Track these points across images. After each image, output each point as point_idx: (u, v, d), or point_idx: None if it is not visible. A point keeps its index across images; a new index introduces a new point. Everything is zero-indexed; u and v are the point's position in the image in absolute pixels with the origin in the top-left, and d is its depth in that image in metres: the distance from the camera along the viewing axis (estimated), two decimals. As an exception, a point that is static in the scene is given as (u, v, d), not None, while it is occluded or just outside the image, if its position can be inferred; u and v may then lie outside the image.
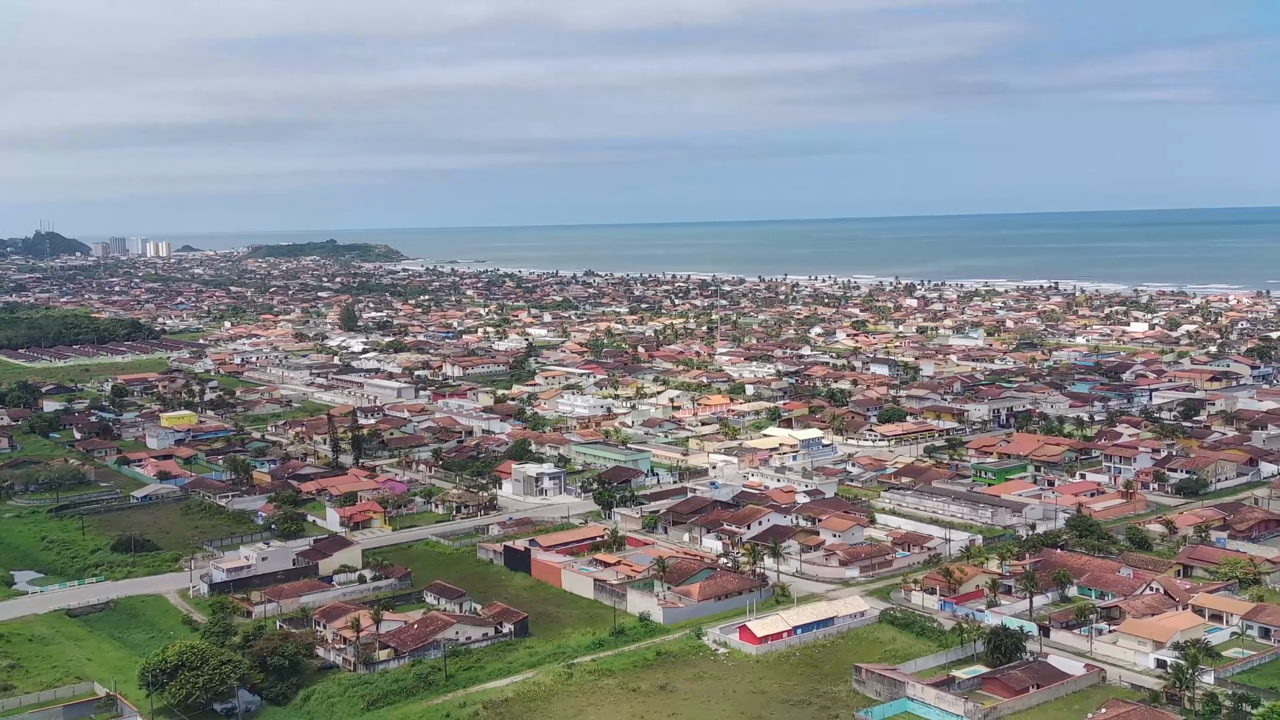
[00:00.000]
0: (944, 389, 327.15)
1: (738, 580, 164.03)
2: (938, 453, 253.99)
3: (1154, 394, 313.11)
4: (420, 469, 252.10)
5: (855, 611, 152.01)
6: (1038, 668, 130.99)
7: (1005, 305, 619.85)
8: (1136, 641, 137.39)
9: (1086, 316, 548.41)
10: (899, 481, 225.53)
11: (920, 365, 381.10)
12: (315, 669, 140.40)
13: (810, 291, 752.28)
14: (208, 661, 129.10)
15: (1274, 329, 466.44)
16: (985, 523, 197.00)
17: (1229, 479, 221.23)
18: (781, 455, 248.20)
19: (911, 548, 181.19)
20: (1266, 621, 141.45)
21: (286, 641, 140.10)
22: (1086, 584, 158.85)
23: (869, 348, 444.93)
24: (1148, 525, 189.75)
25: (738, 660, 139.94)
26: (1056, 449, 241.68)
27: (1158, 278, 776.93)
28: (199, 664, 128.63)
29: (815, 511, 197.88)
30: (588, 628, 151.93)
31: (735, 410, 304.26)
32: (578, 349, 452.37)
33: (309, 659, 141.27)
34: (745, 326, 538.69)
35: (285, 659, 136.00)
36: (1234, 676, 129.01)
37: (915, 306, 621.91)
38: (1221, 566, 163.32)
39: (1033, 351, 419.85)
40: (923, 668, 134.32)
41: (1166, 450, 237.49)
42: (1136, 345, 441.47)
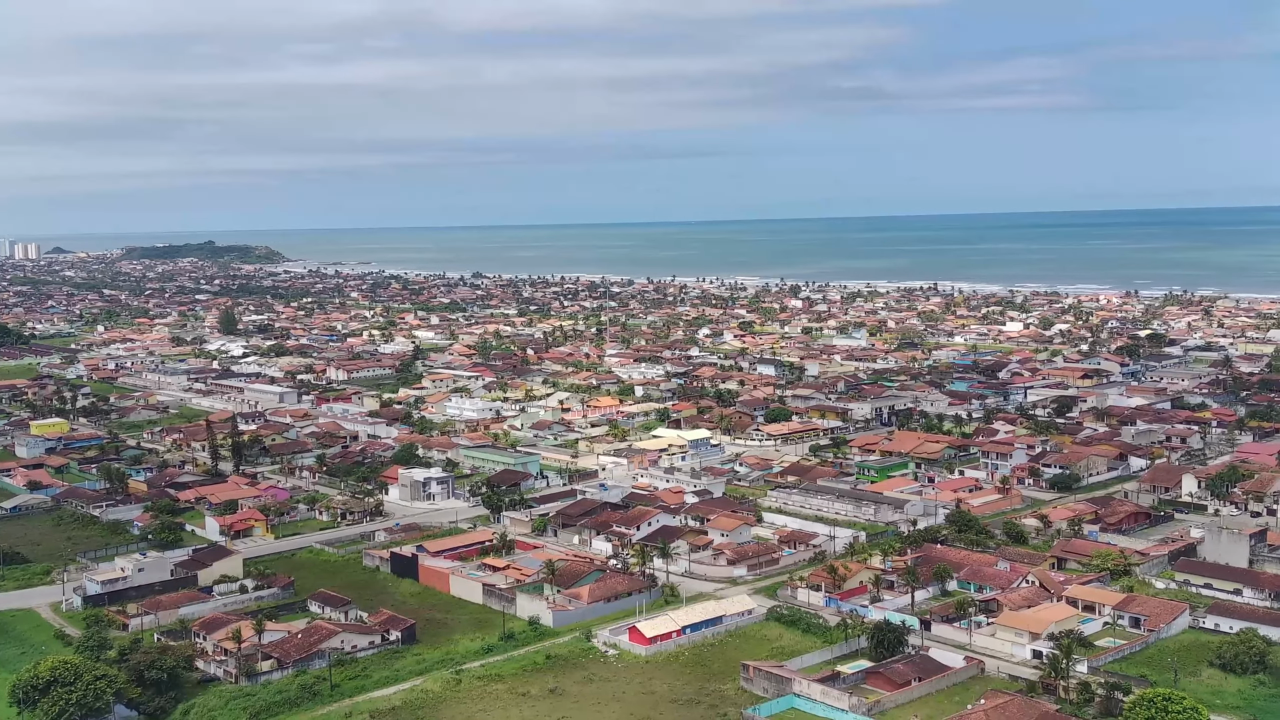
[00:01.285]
0: (828, 388, 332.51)
1: (627, 581, 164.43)
2: (822, 451, 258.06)
3: (1029, 391, 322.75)
4: (303, 475, 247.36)
5: (743, 610, 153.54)
6: (920, 661, 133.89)
7: (887, 306, 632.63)
8: (1014, 633, 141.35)
9: (964, 316, 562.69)
10: (785, 480, 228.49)
11: (805, 365, 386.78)
12: (195, 682, 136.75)
13: (698, 293, 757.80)
14: (81, 677, 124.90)
15: (1142, 328, 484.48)
16: (869, 519, 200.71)
17: (1100, 473, 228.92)
18: (670, 456, 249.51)
19: (798, 545, 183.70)
20: (1136, 611, 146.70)
21: (164, 654, 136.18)
22: (966, 578, 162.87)
23: (756, 348, 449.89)
24: (1024, 519, 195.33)
25: (627, 661, 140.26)
26: (936, 446, 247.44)
27: (1032, 278, 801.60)
28: (72, 680, 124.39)
29: (704, 511, 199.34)
30: (477, 633, 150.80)
31: (624, 412, 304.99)
32: (466, 351, 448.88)
33: (188, 672, 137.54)
34: (634, 328, 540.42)
35: (163, 672, 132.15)
36: (1106, 665, 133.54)
37: (800, 307, 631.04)
38: (1094, 559, 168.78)
39: (913, 351, 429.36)
40: (809, 664, 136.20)
41: (1041, 446, 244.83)
42: (1012, 344, 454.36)
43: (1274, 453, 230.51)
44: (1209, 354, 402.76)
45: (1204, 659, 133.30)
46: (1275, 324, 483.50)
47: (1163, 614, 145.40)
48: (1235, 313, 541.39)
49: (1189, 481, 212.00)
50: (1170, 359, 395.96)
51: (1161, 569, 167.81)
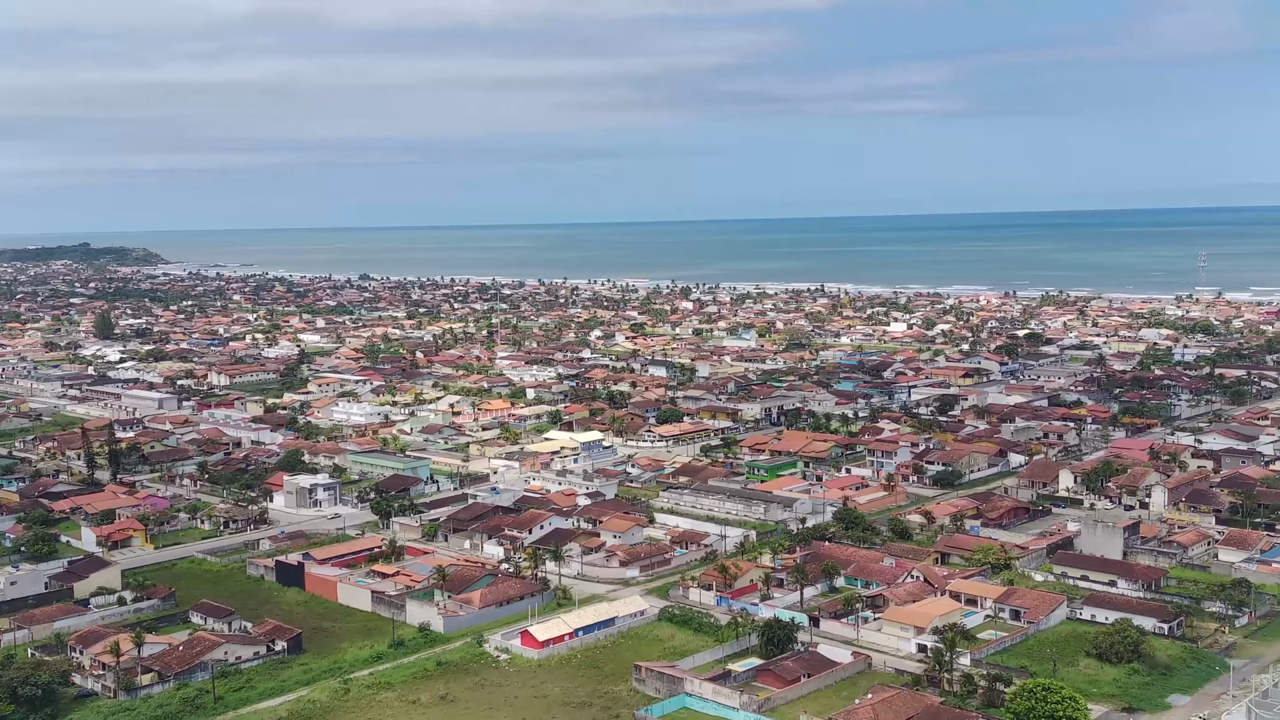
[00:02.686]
0: (719, 389, 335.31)
1: (519, 585, 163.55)
2: (713, 452, 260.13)
3: (912, 390, 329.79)
4: (184, 483, 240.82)
5: (635, 611, 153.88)
6: (809, 657, 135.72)
7: (775, 307, 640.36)
8: (899, 628, 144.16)
9: (850, 317, 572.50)
10: (677, 481, 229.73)
11: (696, 366, 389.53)
12: (71, 697, 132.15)
13: (589, 295, 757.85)
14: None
15: (1020, 327, 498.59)
16: (759, 518, 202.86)
17: (981, 470, 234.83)
18: (563, 458, 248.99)
19: (689, 545, 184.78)
20: (1016, 604, 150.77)
21: (39, 670, 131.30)
22: (853, 574, 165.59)
23: (647, 350, 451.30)
24: (908, 516, 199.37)
25: (519, 666, 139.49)
26: (824, 445, 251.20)
27: (915, 280, 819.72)
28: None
29: (596, 513, 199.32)
30: (365, 641, 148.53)
31: (516, 414, 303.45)
32: (353, 355, 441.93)
33: (64, 687, 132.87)
34: (525, 330, 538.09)
35: (38, 688, 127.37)
36: (988, 657, 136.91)
37: (691, 309, 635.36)
38: (975, 553, 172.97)
39: (801, 351, 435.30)
40: (700, 663, 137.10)
41: (924, 444, 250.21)
42: (896, 344, 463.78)
43: (1146, 448, 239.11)
44: (1084, 353, 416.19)
45: (1081, 649, 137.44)
46: (1146, 323, 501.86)
47: (1041, 606, 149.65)
48: (1109, 312, 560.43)
49: (1066, 477, 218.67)
50: (1047, 358, 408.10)
51: (1040, 562, 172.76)
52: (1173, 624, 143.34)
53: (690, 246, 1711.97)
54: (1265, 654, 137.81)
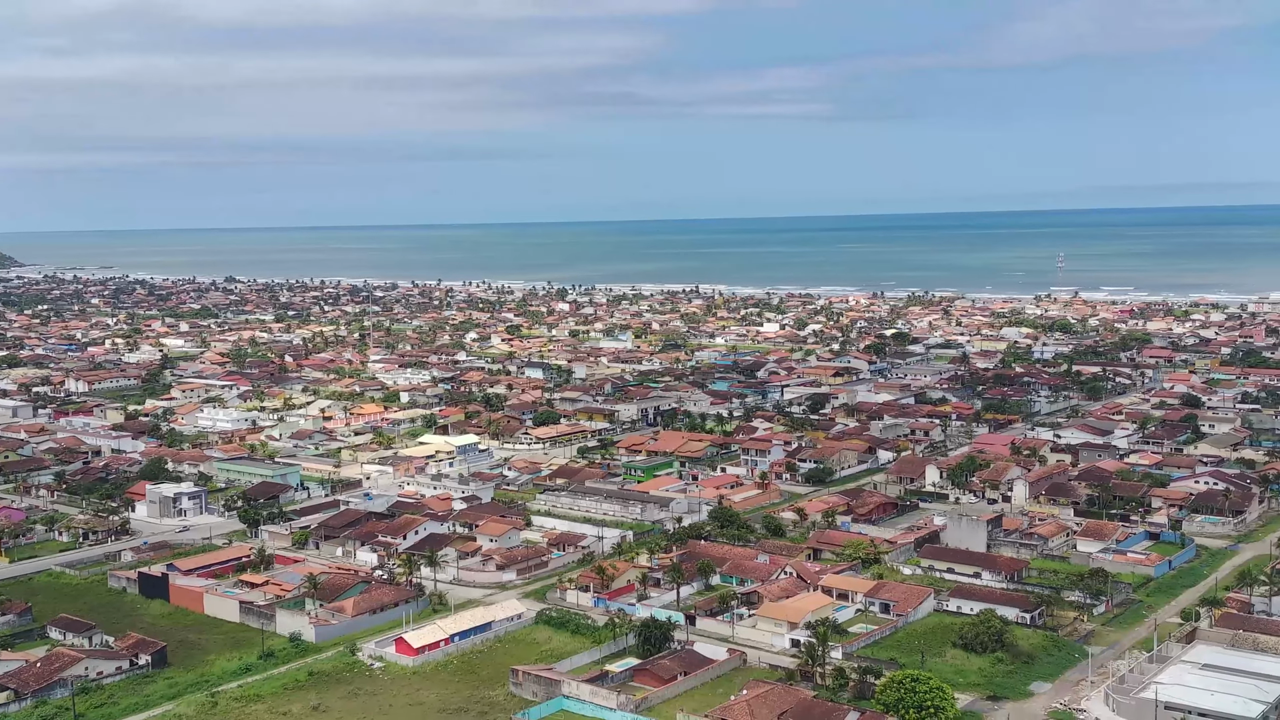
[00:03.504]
0: (595, 390, 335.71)
1: (394, 592, 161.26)
2: (590, 453, 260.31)
3: (785, 390, 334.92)
4: (41, 494, 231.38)
5: (512, 614, 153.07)
6: (685, 655, 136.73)
7: (651, 308, 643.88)
8: (773, 624, 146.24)
9: (725, 318, 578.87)
10: (554, 483, 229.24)
11: (573, 368, 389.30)
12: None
13: (465, 297, 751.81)
14: None
15: (888, 327, 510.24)
16: (635, 519, 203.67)
17: (851, 466, 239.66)
18: (438, 462, 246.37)
19: (566, 547, 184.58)
20: (886, 597, 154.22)
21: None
22: (728, 572, 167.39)
23: (523, 352, 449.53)
24: (782, 513, 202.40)
25: (394, 674, 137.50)
26: (699, 445, 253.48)
27: (787, 280, 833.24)
28: None
29: (472, 517, 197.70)
30: (234, 653, 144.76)
31: (390, 418, 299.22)
32: (219, 359, 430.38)
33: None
34: (399, 333, 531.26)
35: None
36: (859, 650, 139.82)
37: (567, 310, 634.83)
38: (846, 548, 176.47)
39: (677, 352, 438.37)
40: (578, 664, 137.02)
41: (797, 442, 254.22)
42: (769, 344, 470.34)
43: (1007, 443, 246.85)
44: (948, 351, 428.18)
45: (948, 640, 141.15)
46: (1007, 322, 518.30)
47: (910, 599, 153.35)
48: (972, 312, 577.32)
49: (932, 472, 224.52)
50: (913, 356, 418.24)
51: (908, 556, 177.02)
52: (1034, 613, 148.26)
53: (566, 248, 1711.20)
54: (1121, 640, 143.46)
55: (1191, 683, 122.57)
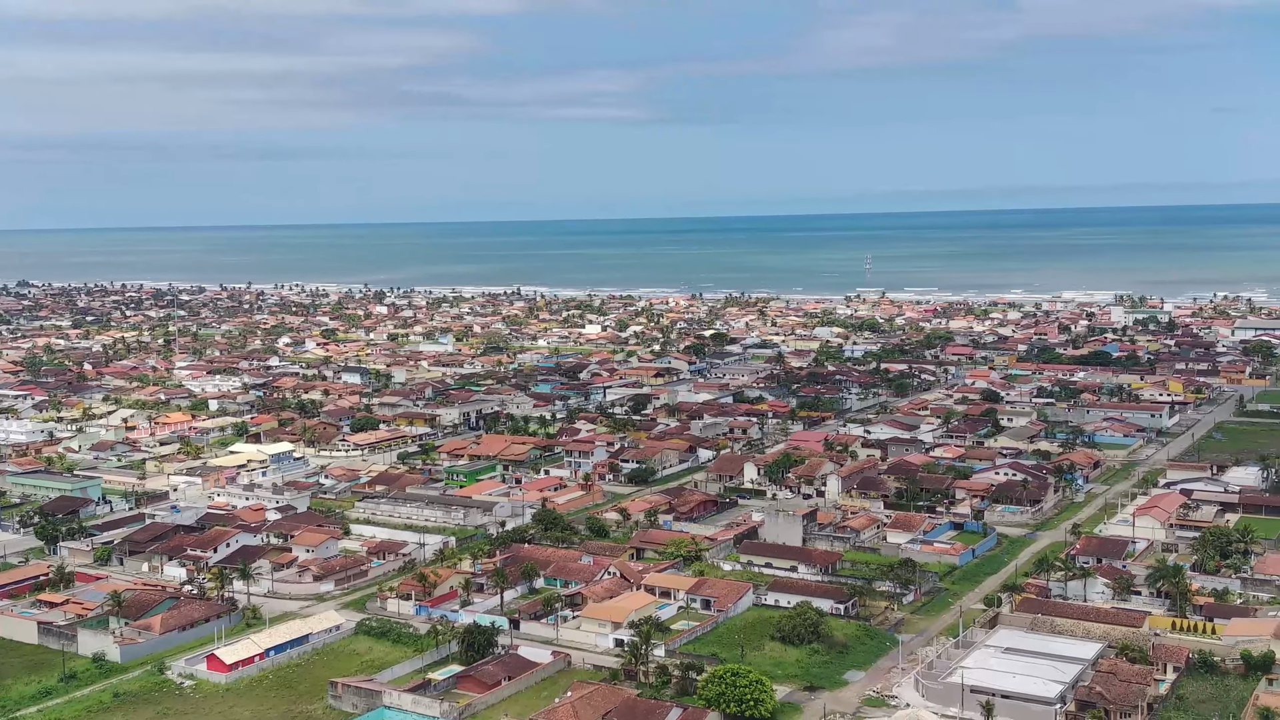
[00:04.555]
0: (416, 395, 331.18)
1: (205, 607, 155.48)
2: (411, 459, 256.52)
3: (607, 391, 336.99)
4: None
5: (331, 626, 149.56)
6: (509, 660, 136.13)
7: (472, 311, 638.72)
8: (597, 624, 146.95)
9: (547, 320, 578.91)
10: (373, 490, 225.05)
11: (392, 372, 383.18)
12: None
13: (277, 300, 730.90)
14: None
15: (706, 328, 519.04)
16: (458, 524, 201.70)
17: (673, 466, 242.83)
18: (250, 472, 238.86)
19: (387, 556, 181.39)
20: (707, 594, 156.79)
21: None
22: (552, 574, 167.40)
23: (340, 356, 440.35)
24: (605, 514, 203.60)
25: (206, 691, 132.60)
26: (523, 448, 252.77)
27: (608, 282, 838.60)
28: None
29: (287, 528, 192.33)
30: (32, 676, 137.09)
31: (198, 427, 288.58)
32: (11, 368, 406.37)
33: None
34: (207, 338, 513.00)
35: None
36: (682, 647, 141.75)
37: (386, 314, 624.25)
38: (668, 547, 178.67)
39: (499, 355, 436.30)
40: (400, 674, 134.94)
41: (619, 443, 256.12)
42: (591, 346, 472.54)
43: (821, 439, 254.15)
44: (764, 351, 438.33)
45: (766, 633, 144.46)
46: (820, 322, 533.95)
47: (730, 594, 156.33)
48: (786, 312, 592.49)
49: (750, 469, 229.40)
50: (731, 356, 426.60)
51: (728, 552, 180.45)
52: (848, 604, 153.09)
53: (383, 249, 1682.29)
54: (929, 628, 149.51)
55: (995, 666, 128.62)
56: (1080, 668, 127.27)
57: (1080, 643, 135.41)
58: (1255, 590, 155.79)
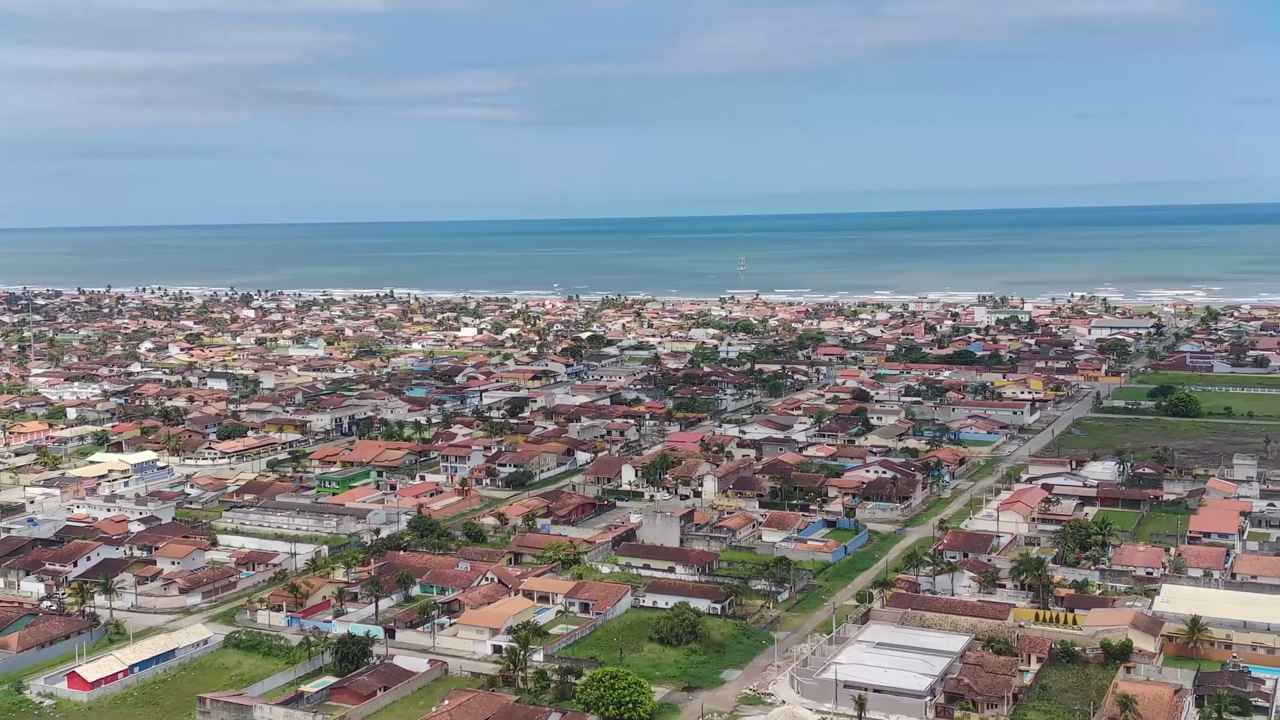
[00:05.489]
0: (286, 400, 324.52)
1: (64, 623, 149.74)
2: (281, 466, 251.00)
3: (484, 394, 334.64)
4: None
5: (198, 640, 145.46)
6: (385, 670, 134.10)
7: (344, 314, 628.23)
8: (475, 631, 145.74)
9: (421, 323, 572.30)
10: (242, 499, 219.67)
11: (260, 378, 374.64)
12: None
13: (138, 304, 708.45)
14: None
15: (583, 330, 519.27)
16: (331, 532, 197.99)
17: (551, 469, 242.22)
18: (111, 482, 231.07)
19: (256, 566, 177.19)
20: (585, 597, 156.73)
21: None
22: (429, 581, 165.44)
23: (205, 361, 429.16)
24: (482, 519, 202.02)
25: (67, 710, 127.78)
26: (397, 453, 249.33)
27: (484, 284, 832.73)
28: None
29: (152, 540, 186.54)
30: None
31: (55, 437, 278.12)
32: None
33: None
34: (64, 344, 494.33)
35: None
36: (560, 651, 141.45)
37: (253, 317, 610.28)
38: (547, 550, 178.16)
39: (372, 359, 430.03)
40: (271, 687, 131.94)
41: (496, 447, 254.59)
42: (467, 349, 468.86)
43: (697, 440, 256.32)
44: (641, 352, 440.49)
45: (645, 635, 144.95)
46: (695, 324, 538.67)
47: (608, 597, 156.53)
48: (662, 314, 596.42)
49: (628, 471, 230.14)
50: (608, 358, 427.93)
51: (607, 554, 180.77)
52: (725, 604, 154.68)
53: (251, 251, 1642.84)
54: (804, 625, 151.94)
55: (867, 661, 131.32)
56: (949, 660, 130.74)
57: (948, 636, 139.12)
58: (1113, 581, 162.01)
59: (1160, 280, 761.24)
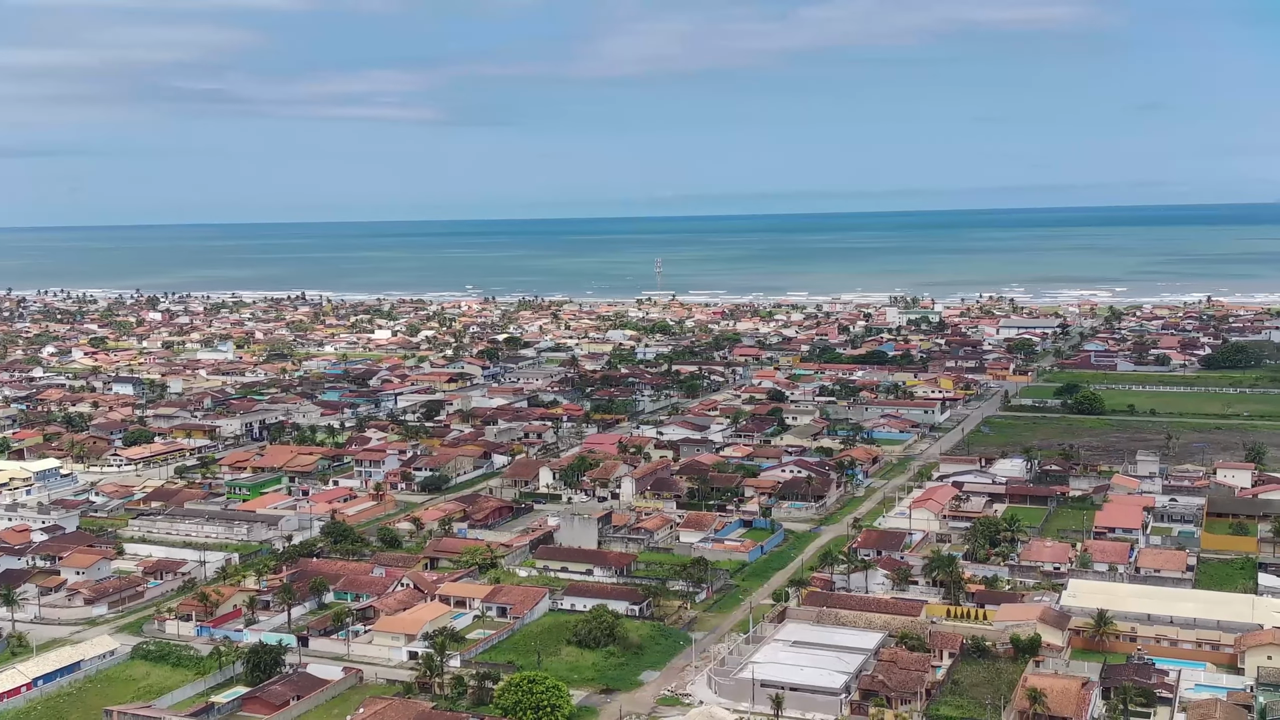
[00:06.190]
0: (194, 405, 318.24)
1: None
2: (190, 472, 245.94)
3: (399, 398, 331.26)
4: None
5: (105, 651, 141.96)
6: (298, 679, 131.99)
7: (254, 316, 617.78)
8: (390, 638, 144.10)
9: (334, 325, 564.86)
10: (149, 507, 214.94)
11: (168, 382, 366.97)
12: None
13: (40, 307, 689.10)
14: None
15: (500, 332, 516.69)
16: (242, 540, 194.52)
17: (467, 472, 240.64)
18: (13, 491, 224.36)
19: (165, 575, 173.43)
20: (503, 601, 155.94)
21: None
22: (343, 588, 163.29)
23: (111, 366, 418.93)
24: (398, 524, 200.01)
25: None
26: (310, 458, 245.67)
27: (398, 286, 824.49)
28: None
29: (55, 549, 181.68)
30: None
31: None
32: None
33: None
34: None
35: None
36: (478, 656, 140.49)
37: (160, 320, 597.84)
38: (464, 555, 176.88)
39: (283, 362, 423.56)
40: (181, 698, 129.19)
41: (412, 451, 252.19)
42: (382, 351, 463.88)
43: (615, 442, 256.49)
44: (558, 354, 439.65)
45: (563, 638, 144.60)
46: (613, 325, 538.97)
47: (526, 600, 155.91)
48: (579, 315, 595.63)
49: (545, 474, 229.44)
50: (525, 360, 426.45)
51: (524, 558, 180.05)
52: (643, 605, 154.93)
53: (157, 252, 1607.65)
54: (721, 625, 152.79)
55: (784, 660, 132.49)
56: (863, 657, 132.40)
57: (863, 633, 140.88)
58: (1022, 576, 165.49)
59: (1066, 281, 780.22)
